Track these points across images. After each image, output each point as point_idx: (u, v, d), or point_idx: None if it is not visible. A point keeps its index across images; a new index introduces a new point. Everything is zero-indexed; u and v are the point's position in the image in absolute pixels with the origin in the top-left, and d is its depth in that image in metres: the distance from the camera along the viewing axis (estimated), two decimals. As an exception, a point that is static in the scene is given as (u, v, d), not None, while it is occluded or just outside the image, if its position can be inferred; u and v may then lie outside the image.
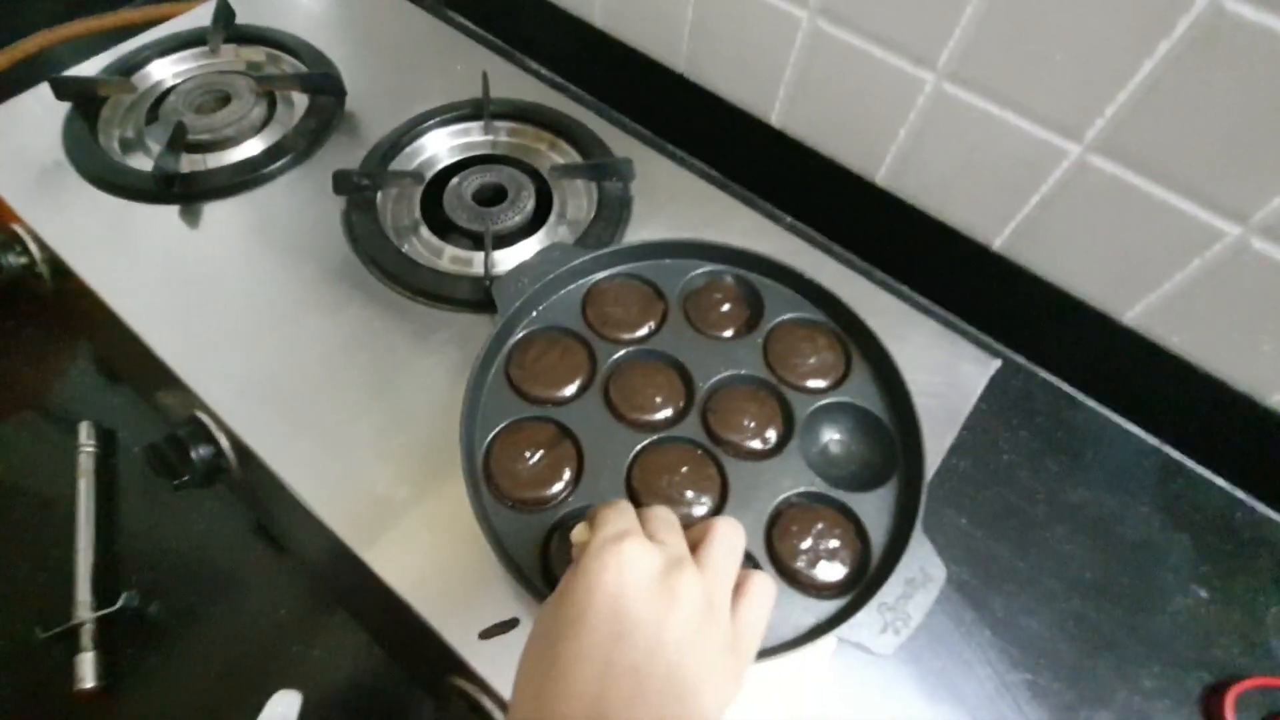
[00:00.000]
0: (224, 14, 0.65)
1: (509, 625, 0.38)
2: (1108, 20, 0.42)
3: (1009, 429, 0.60)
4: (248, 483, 0.47)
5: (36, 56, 0.79)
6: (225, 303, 0.50)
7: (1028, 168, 0.52)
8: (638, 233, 0.55)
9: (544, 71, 0.76)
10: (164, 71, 0.64)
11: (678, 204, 0.57)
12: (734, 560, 0.28)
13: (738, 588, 0.28)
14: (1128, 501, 0.57)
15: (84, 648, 0.47)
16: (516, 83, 0.64)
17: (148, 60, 0.64)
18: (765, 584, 0.29)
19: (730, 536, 0.29)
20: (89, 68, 0.63)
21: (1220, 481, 0.58)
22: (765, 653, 0.33)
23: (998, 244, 0.58)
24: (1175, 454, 0.59)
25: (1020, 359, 0.63)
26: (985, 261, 0.59)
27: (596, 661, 0.24)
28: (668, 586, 0.26)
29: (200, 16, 0.66)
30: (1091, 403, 0.61)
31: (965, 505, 0.56)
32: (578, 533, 0.30)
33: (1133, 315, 0.54)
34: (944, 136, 0.55)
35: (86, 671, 0.46)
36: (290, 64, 0.65)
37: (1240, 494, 0.58)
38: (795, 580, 0.35)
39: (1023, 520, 0.56)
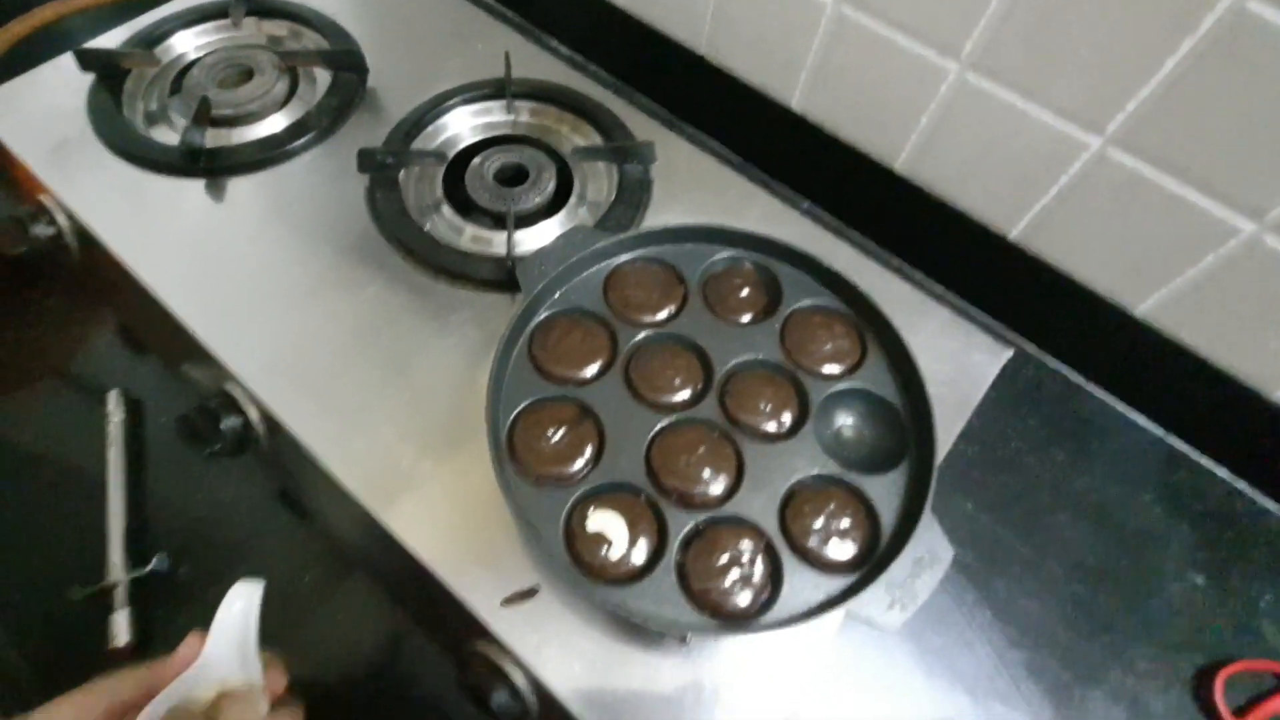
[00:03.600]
0: (245, -14, 0.65)
1: (529, 593, 0.39)
2: (1133, 16, 0.42)
3: (1018, 417, 0.62)
4: (275, 453, 0.49)
5: (53, 26, 0.79)
6: (252, 277, 0.51)
7: (1048, 159, 0.52)
8: (657, 216, 0.56)
9: (564, 50, 0.76)
10: (186, 44, 0.65)
11: (696, 188, 0.58)
12: None
13: None
14: (1131, 490, 0.59)
15: (118, 607, 0.49)
16: (537, 62, 0.64)
17: (170, 33, 0.64)
18: None
19: None
20: (110, 40, 0.63)
21: (1222, 473, 0.59)
22: (777, 625, 0.35)
23: (1014, 234, 0.58)
24: (1180, 445, 0.60)
25: (1031, 348, 0.64)
26: (1001, 251, 0.59)
27: None
28: None
29: (222, -12, 0.66)
30: (1100, 393, 0.62)
31: (972, 490, 0.58)
32: None
33: (1145, 308, 0.55)
34: (965, 125, 0.55)
35: (121, 630, 0.48)
36: (311, 39, 0.65)
37: (1242, 485, 0.59)
38: (807, 558, 0.37)
39: (1028, 506, 0.57)
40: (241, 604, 0.38)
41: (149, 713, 0.34)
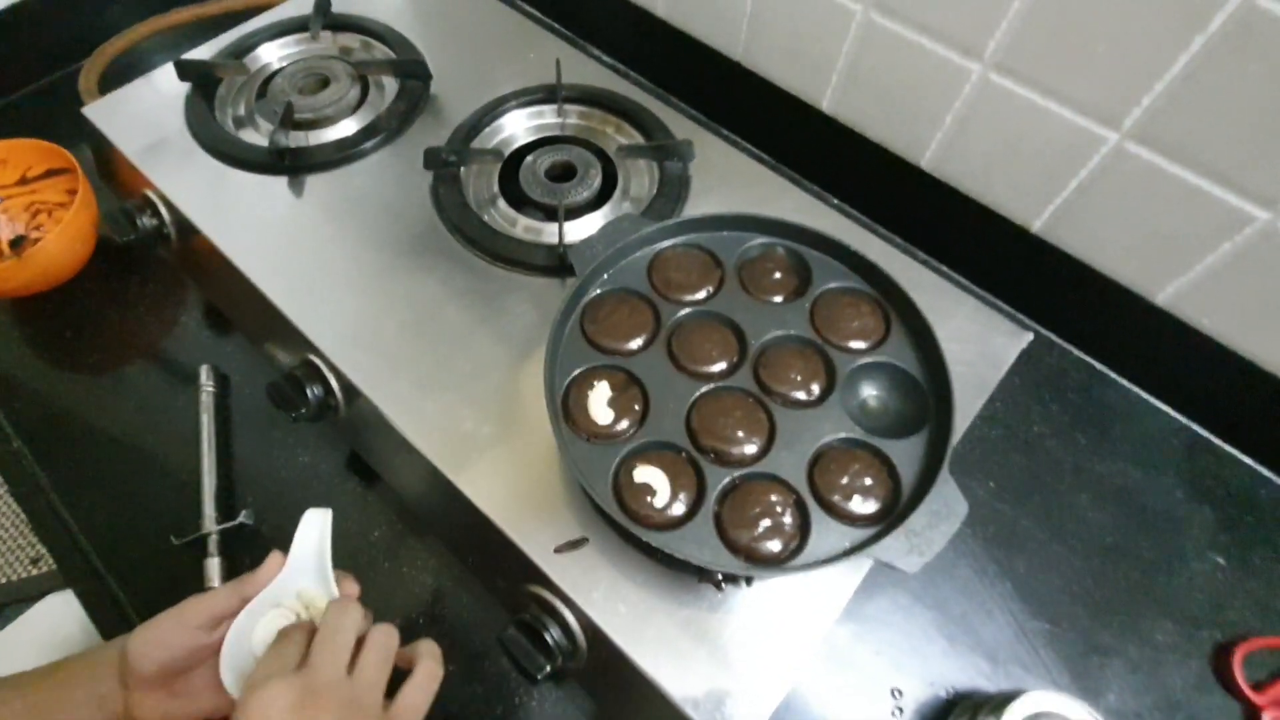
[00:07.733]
0: (324, 2, 0.72)
1: (579, 543, 0.44)
2: (1147, 14, 0.45)
3: (1041, 403, 0.64)
4: (352, 419, 0.54)
5: (150, 39, 0.87)
6: (330, 262, 0.56)
7: (1067, 154, 0.55)
8: (695, 209, 0.60)
9: (609, 59, 0.81)
10: (271, 55, 0.71)
11: (732, 184, 0.62)
12: (383, 664, 0.38)
13: (407, 677, 0.38)
14: (1153, 474, 0.60)
15: (210, 554, 0.55)
16: (585, 69, 0.69)
17: (257, 45, 0.71)
18: (425, 672, 0.39)
19: (378, 644, 0.38)
20: (203, 52, 0.70)
21: (1247, 460, 0.61)
22: (806, 566, 0.38)
23: (1037, 226, 0.61)
24: (1203, 432, 0.62)
25: (1055, 337, 0.66)
26: (1025, 243, 0.62)
27: None
28: (304, 715, 0.34)
29: (301, 4, 0.73)
30: (1123, 381, 0.64)
31: (994, 471, 0.60)
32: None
33: (1165, 296, 0.57)
34: (988, 123, 0.58)
35: (213, 574, 0.54)
36: (381, 50, 0.71)
37: (1266, 472, 0.60)
38: (833, 511, 0.40)
39: (1049, 487, 0.60)
40: (316, 526, 0.44)
41: (244, 617, 0.39)
